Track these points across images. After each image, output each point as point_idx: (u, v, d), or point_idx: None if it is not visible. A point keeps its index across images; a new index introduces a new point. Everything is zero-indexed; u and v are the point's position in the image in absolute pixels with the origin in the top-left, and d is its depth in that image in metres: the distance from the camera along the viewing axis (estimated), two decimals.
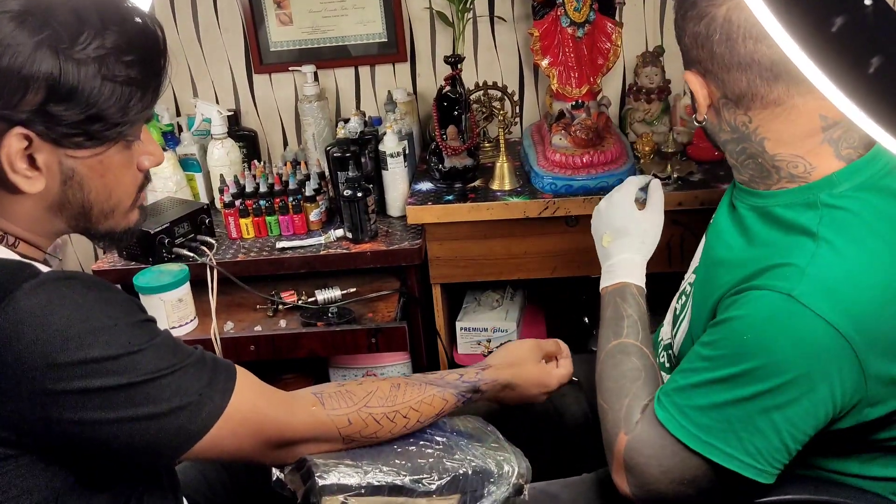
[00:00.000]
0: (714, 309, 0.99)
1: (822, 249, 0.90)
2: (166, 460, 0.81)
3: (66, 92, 0.75)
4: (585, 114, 1.67)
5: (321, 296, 1.67)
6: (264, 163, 1.94)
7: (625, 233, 1.20)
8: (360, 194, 1.67)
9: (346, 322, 1.61)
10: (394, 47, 2.04)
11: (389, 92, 2.01)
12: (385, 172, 1.78)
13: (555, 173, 1.65)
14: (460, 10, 1.84)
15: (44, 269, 0.79)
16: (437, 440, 1.02)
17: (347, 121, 1.86)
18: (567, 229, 1.68)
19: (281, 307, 1.68)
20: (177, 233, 1.67)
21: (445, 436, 1.04)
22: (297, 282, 1.75)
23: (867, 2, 0.49)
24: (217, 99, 2.13)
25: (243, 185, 1.80)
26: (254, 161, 1.95)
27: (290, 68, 2.03)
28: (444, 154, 1.76)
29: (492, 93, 1.99)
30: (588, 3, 1.57)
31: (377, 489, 0.93)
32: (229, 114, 1.98)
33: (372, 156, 1.77)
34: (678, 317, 1.15)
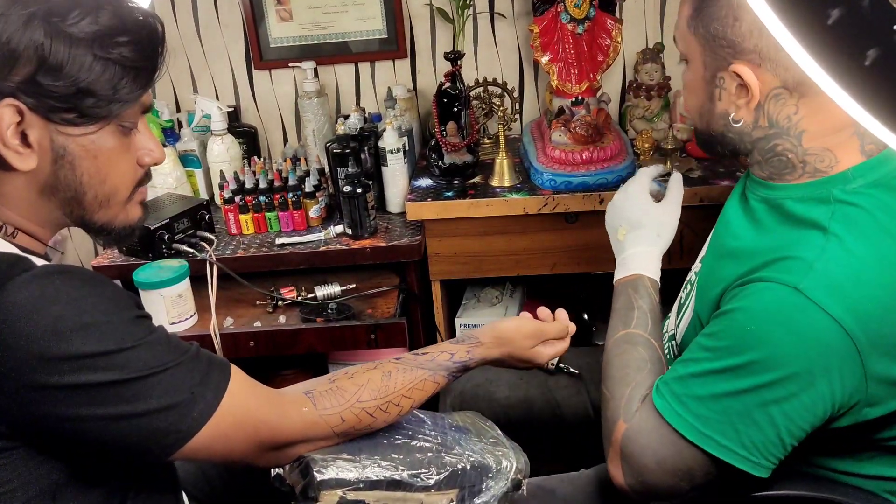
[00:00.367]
0: (718, 299, 0.99)
1: (832, 244, 0.89)
2: (158, 458, 0.80)
3: (57, 64, 0.76)
4: (585, 110, 1.67)
5: (321, 292, 1.67)
6: (264, 159, 1.94)
7: (640, 225, 1.19)
8: (359, 190, 1.67)
9: (346, 318, 1.61)
10: (394, 44, 2.04)
11: (389, 88, 2.01)
12: (385, 169, 1.78)
13: (554, 170, 1.65)
14: (460, 7, 1.84)
15: (39, 263, 0.78)
16: (436, 435, 1.02)
17: (347, 117, 1.86)
18: (566, 226, 1.68)
19: (280, 303, 1.68)
20: (176, 229, 1.67)
21: (444, 431, 1.04)
22: (296, 278, 1.75)
23: None
24: (217, 95, 2.13)
25: (243, 181, 1.80)
26: (254, 157, 1.95)
27: (290, 65, 2.04)
28: (443, 150, 1.76)
29: (492, 89, 1.99)
30: (588, 0, 1.57)
31: (375, 484, 0.93)
32: (229, 110, 1.98)
33: (372, 152, 1.77)
34: (682, 306, 1.15)
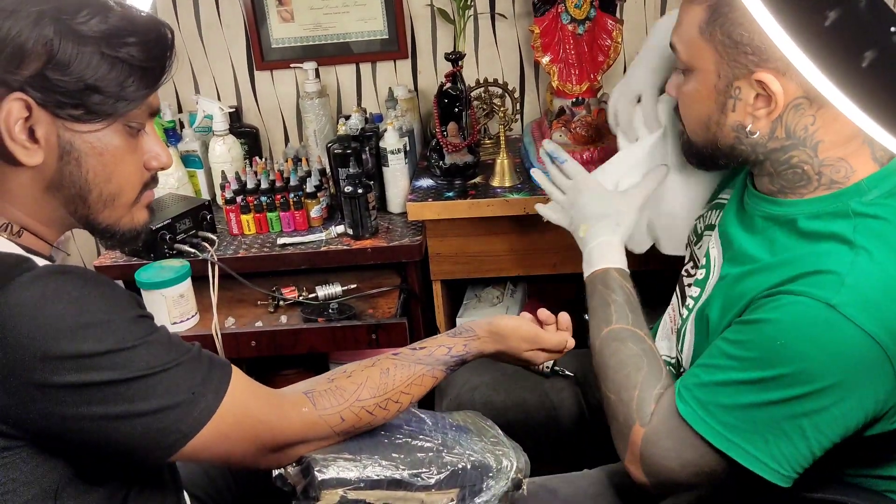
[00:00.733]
0: (743, 310, 0.96)
1: (861, 258, 0.88)
2: (158, 459, 0.80)
3: (65, 60, 0.77)
4: (586, 111, 1.67)
5: (322, 292, 1.67)
6: (266, 159, 1.94)
7: (599, 217, 1.19)
8: (360, 191, 1.68)
9: (347, 318, 1.62)
10: (395, 44, 2.04)
11: (390, 89, 2.01)
12: (386, 169, 1.78)
13: None
14: (461, 7, 1.84)
15: (42, 264, 0.78)
16: (436, 434, 1.03)
17: (348, 117, 1.87)
18: None
19: (282, 303, 1.69)
20: (178, 229, 1.67)
21: (444, 430, 1.04)
22: (297, 278, 1.75)
23: None
24: (219, 95, 2.14)
25: (245, 181, 1.80)
26: (255, 157, 1.96)
27: (292, 65, 2.04)
28: (444, 151, 1.76)
29: (492, 90, 1.99)
30: (589, 0, 1.57)
31: (376, 483, 0.93)
32: (231, 110, 1.98)
33: (373, 152, 1.77)
34: (681, 332, 1.12)
